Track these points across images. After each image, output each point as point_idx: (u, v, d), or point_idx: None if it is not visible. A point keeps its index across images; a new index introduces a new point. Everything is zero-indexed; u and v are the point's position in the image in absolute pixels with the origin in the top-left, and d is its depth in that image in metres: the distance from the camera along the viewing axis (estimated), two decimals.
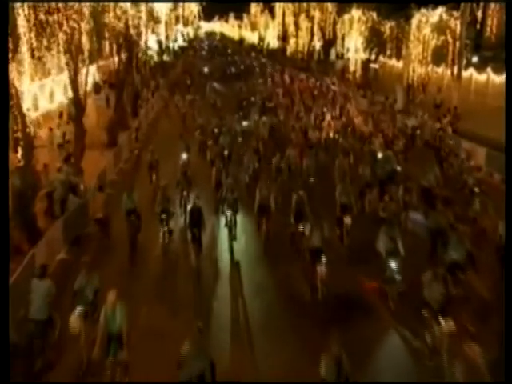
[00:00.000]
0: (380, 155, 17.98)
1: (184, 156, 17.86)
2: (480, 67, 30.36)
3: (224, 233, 14.16)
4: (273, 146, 21.64)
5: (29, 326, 8.34)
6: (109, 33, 23.67)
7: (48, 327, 8.50)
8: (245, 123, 25.92)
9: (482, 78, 30.00)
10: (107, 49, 32.58)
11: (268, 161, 18.39)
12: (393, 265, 10.43)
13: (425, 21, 25.76)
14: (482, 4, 23.23)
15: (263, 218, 13.42)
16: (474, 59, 31.11)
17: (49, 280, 8.77)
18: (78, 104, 16.89)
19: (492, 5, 24.12)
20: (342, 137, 22.22)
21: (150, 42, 47.26)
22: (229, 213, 13.69)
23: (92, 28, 17.06)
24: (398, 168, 16.88)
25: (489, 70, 29.35)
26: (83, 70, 16.75)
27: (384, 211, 13.37)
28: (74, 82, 16.35)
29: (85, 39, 16.58)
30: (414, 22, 26.53)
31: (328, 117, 26.11)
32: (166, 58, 54.53)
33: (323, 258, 10.80)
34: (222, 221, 14.49)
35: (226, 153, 18.84)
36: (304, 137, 22.28)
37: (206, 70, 51.33)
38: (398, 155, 17.98)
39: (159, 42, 43.58)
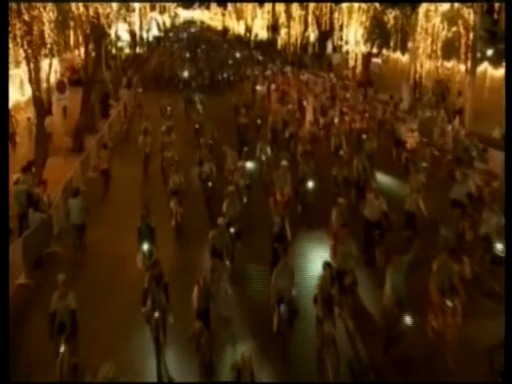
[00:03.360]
0: None
1: (145, 247, 12.51)
2: (496, 61, 30.73)
3: None
4: (303, 221, 15.15)
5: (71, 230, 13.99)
6: (74, 21, 23.49)
7: (83, 230, 13.94)
8: (249, 165, 18.99)
9: (499, 73, 30.35)
10: (72, 40, 32.48)
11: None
12: None
13: (434, 9, 26.06)
14: None
15: None
16: (489, 52, 31.51)
17: (80, 197, 14.19)
18: (39, 104, 16.73)
19: None
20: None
21: (121, 32, 47.36)
22: None
23: (56, 16, 16.85)
24: None
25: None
26: (45, 65, 16.63)
27: None
28: (34, 79, 16.18)
29: (48, 30, 16.48)
30: (422, 10, 26.80)
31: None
32: (139, 50, 54.54)
33: None
34: None
35: (232, 230, 12.94)
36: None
37: (187, 74, 42.61)
38: None
39: (132, 33, 43.27)
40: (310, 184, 15.69)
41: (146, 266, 11.42)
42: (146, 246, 12.52)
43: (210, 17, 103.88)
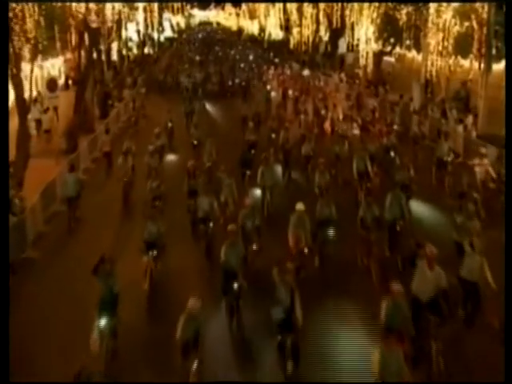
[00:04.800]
0: None
1: (104, 322, 9.31)
2: None
3: None
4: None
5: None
6: (68, 20, 23.36)
7: (77, 200, 15.56)
8: (256, 193, 15.95)
9: None
10: (74, 40, 32.48)
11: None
12: None
13: (446, 4, 25.26)
14: None
15: None
16: None
17: (75, 173, 16.06)
18: (20, 103, 16.49)
19: None
20: None
21: (131, 32, 47.36)
22: None
23: (40, 11, 16.63)
24: None
25: None
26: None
27: None
28: (15, 76, 15.94)
29: (31, 25, 16.27)
30: (433, 5, 26.01)
31: None
32: (149, 50, 54.52)
33: None
34: None
35: (235, 286, 10.24)
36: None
37: (194, 80, 38.71)
38: None
39: (138, 32, 43.20)
40: (330, 233, 12.28)
41: (106, 347, 8.68)
42: (104, 321, 9.22)
43: (225, 17, 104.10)
